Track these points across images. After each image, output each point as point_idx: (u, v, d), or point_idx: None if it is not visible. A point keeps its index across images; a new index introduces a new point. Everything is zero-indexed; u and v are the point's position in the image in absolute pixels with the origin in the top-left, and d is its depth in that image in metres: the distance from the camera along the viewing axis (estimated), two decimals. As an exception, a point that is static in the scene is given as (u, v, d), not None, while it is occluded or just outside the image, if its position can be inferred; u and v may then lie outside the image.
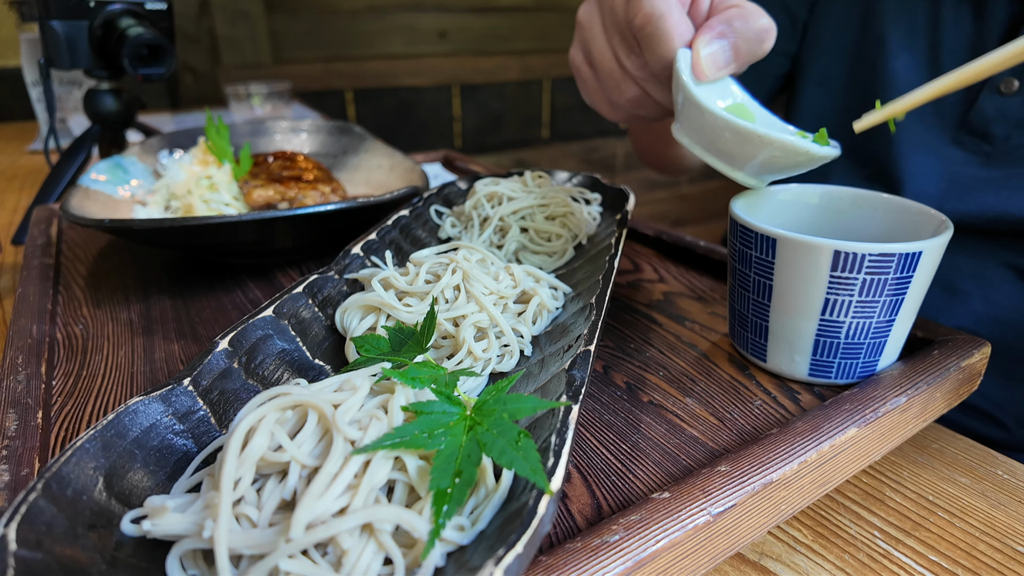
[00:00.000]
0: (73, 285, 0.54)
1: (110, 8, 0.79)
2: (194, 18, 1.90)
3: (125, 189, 0.65)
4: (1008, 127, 0.57)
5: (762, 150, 0.37)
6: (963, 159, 0.59)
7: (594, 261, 0.46)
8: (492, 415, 0.26)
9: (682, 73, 0.38)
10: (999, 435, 0.62)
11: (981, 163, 0.58)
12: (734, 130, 0.37)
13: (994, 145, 0.57)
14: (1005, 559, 0.32)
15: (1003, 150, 0.57)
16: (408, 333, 0.36)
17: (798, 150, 0.37)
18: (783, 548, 0.32)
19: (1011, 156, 0.57)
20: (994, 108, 0.57)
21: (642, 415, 0.36)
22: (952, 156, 0.60)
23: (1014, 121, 0.56)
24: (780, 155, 0.37)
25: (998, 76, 0.57)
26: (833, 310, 0.36)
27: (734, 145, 0.38)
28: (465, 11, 2.30)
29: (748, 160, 0.38)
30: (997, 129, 0.57)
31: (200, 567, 0.23)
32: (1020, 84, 0.56)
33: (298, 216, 0.48)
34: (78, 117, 1.25)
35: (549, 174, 0.59)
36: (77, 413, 0.37)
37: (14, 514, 0.21)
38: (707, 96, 0.38)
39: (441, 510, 0.23)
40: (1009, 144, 0.57)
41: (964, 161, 0.59)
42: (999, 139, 0.57)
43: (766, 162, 0.38)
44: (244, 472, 0.23)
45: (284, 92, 1.50)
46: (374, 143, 0.77)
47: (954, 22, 0.59)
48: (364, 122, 2.21)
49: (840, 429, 0.32)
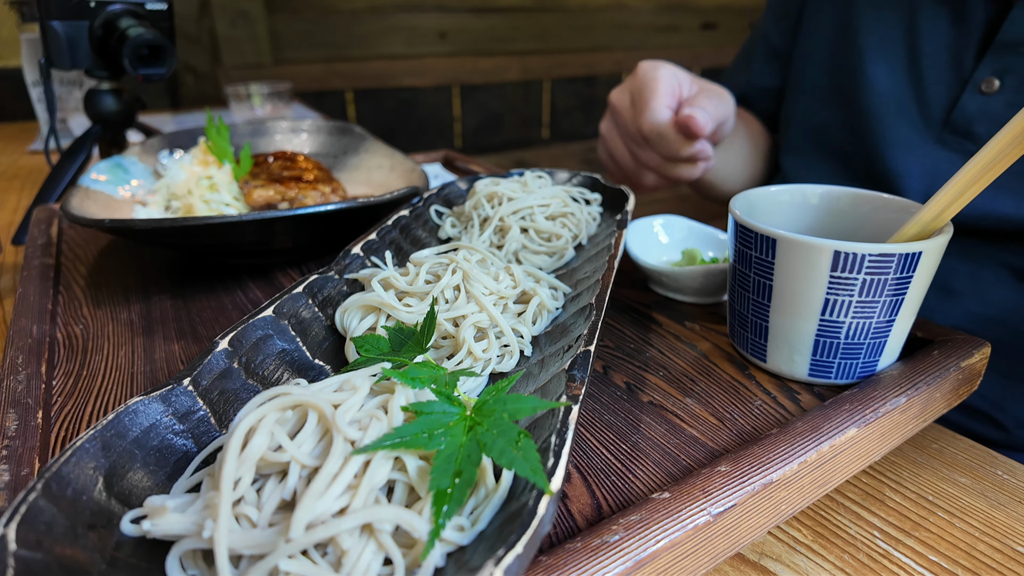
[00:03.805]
0: (73, 285, 0.54)
1: (111, 8, 0.79)
2: (194, 18, 1.90)
3: (125, 189, 0.65)
4: (991, 126, 0.57)
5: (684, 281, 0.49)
6: (948, 159, 0.60)
7: (594, 261, 0.46)
8: (492, 415, 0.26)
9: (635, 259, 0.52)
10: (998, 436, 0.62)
11: (965, 161, 0.59)
12: (664, 273, 0.50)
13: (978, 144, 0.58)
14: (1005, 559, 0.32)
15: None
16: (408, 333, 0.36)
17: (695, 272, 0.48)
18: (783, 548, 0.32)
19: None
20: (976, 107, 0.58)
21: (642, 415, 0.36)
22: (937, 156, 0.61)
23: (996, 120, 0.57)
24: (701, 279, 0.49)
25: (979, 75, 0.58)
26: (833, 310, 0.36)
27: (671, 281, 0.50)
28: (465, 11, 2.30)
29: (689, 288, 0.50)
30: (980, 128, 0.58)
31: (200, 567, 0.23)
32: (1001, 83, 0.56)
33: (298, 216, 0.48)
34: (78, 117, 1.25)
35: (549, 174, 0.59)
36: (77, 413, 0.37)
37: (14, 514, 0.21)
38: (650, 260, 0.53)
39: (441, 510, 0.23)
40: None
41: (949, 160, 0.60)
42: (982, 137, 0.58)
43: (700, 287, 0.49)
44: (244, 472, 0.23)
45: (284, 92, 1.50)
46: (374, 143, 0.77)
47: (931, 28, 0.61)
48: (364, 122, 2.21)
49: (840, 429, 0.31)
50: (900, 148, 0.62)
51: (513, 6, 2.38)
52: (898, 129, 0.62)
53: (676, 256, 0.55)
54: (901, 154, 0.62)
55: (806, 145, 0.73)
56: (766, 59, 0.79)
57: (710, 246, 0.55)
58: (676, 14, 2.74)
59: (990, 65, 0.57)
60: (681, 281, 0.49)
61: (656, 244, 0.56)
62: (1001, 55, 0.56)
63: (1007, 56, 0.56)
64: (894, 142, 0.62)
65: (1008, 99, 0.56)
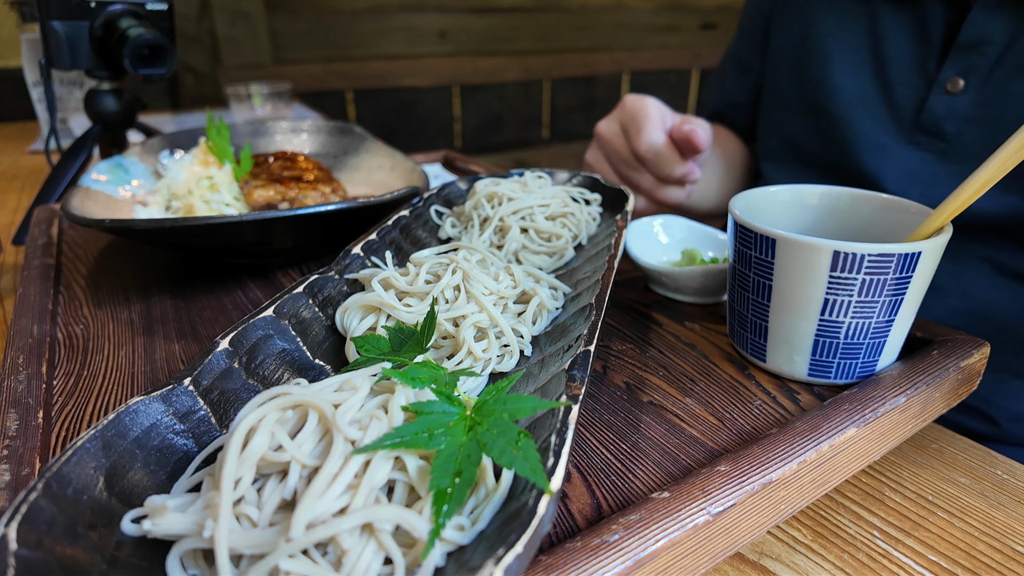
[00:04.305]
0: (74, 285, 0.54)
1: (111, 8, 0.79)
2: (195, 18, 1.90)
3: (126, 189, 0.65)
4: (959, 124, 0.59)
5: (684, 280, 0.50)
6: (920, 157, 0.61)
7: (594, 261, 0.46)
8: (492, 415, 0.26)
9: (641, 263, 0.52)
10: (989, 430, 0.62)
11: (938, 160, 0.61)
12: (664, 273, 0.50)
13: (948, 142, 0.60)
14: (1004, 559, 0.32)
15: (957, 146, 0.59)
16: (408, 333, 0.36)
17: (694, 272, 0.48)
18: (783, 548, 0.32)
19: (966, 152, 0.59)
20: (944, 107, 0.59)
21: (642, 415, 0.36)
22: (909, 155, 0.62)
23: (964, 118, 0.58)
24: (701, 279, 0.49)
25: (944, 76, 0.59)
26: (832, 310, 0.36)
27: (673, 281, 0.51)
28: (465, 11, 2.30)
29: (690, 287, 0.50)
30: (949, 127, 0.59)
31: (200, 567, 0.23)
32: (965, 82, 0.58)
33: (298, 216, 0.48)
34: (79, 117, 1.25)
35: (549, 174, 0.59)
36: (78, 413, 0.37)
37: (15, 514, 0.21)
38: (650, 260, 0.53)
39: (441, 510, 0.23)
40: (963, 140, 0.59)
41: (922, 160, 0.61)
42: (952, 136, 0.59)
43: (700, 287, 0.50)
44: (244, 472, 0.23)
45: (284, 92, 1.50)
46: (374, 143, 0.77)
47: (894, 33, 0.62)
48: (364, 122, 2.21)
49: (839, 429, 0.32)
50: (873, 152, 0.64)
51: (513, 6, 2.38)
52: (869, 133, 0.64)
53: (676, 256, 0.55)
54: (874, 157, 0.64)
55: (782, 153, 0.75)
56: (737, 76, 0.83)
57: (710, 246, 0.56)
58: (676, 14, 2.74)
59: (953, 66, 0.58)
60: (681, 281, 0.49)
61: (656, 244, 0.56)
62: (963, 55, 0.58)
63: (969, 56, 0.57)
64: (867, 146, 0.64)
65: (973, 97, 0.57)
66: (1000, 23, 0.55)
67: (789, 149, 0.73)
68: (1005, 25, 0.55)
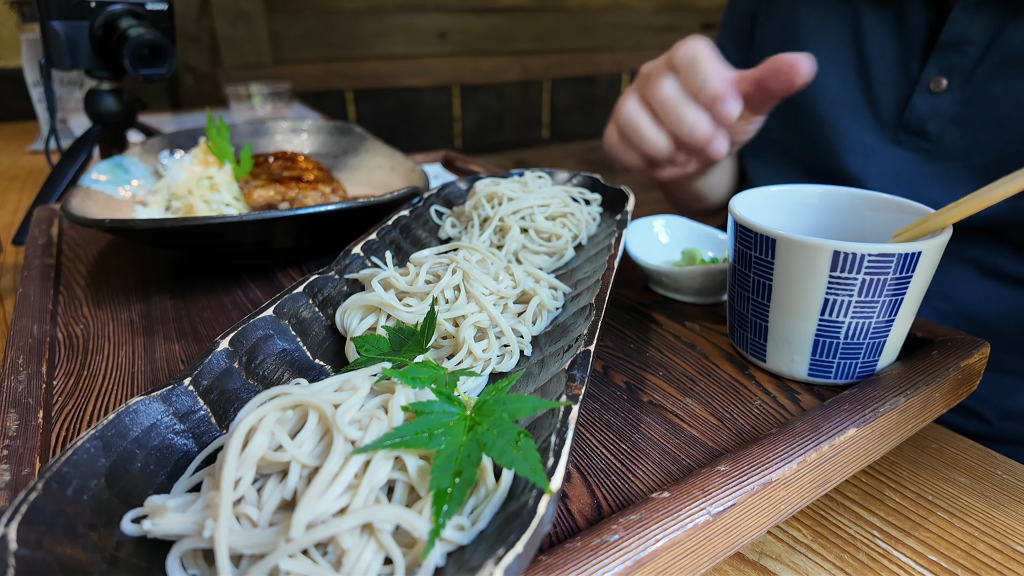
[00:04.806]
0: (74, 285, 0.54)
1: (111, 8, 0.79)
2: (195, 18, 1.90)
3: (126, 189, 0.65)
4: (942, 123, 0.59)
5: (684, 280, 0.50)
6: (904, 157, 0.61)
7: (594, 261, 0.46)
8: (492, 415, 0.26)
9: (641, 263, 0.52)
10: (982, 429, 0.63)
11: (921, 159, 0.61)
12: (664, 272, 0.50)
13: (931, 142, 0.60)
14: (1004, 559, 0.32)
15: (940, 145, 0.59)
16: (408, 333, 0.36)
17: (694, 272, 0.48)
18: (783, 548, 0.32)
19: (949, 151, 0.59)
20: (927, 107, 0.59)
21: (642, 415, 0.36)
22: (894, 156, 0.62)
23: (947, 118, 0.58)
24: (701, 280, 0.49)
25: (926, 75, 0.59)
26: (832, 310, 0.36)
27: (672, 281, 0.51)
28: (465, 11, 2.30)
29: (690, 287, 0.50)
30: (932, 126, 0.59)
31: (200, 567, 0.23)
32: (948, 82, 0.58)
33: (298, 216, 0.48)
34: (79, 117, 1.25)
35: (549, 174, 0.59)
36: (78, 413, 0.37)
37: (15, 513, 0.21)
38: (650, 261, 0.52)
39: (441, 510, 0.23)
40: (946, 140, 0.59)
41: (906, 160, 0.61)
42: (935, 135, 0.59)
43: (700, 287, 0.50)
44: (244, 472, 0.23)
45: (284, 92, 1.50)
46: (374, 143, 0.77)
47: (876, 33, 0.62)
48: (364, 122, 2.21)
49: (839, 429, 0.32)
50: (857, 152, 0.64)
51: (513, 6, 2.38)
52: (853, 133, 0.64)
53: (676, 256, 0.55)
54: (858, 157, 0.64)
55: (767, 153, 0.74)
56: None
57: (710, 246, 0.56)
58: (676, 14, 2.74)
59: (936, 65, 0.58)
60: (681, 281, 0.49)
61: (656, 244, 0.56)
62: (945, 54, 0.58)
63: (951, 55, 0.57)
64: (850, 146, 0.64)
65: (956, 96, 0.58)
66: (981, 22, 0.55)
67: (773, 147, 0.73)
68: (986, 24, 0.55)
